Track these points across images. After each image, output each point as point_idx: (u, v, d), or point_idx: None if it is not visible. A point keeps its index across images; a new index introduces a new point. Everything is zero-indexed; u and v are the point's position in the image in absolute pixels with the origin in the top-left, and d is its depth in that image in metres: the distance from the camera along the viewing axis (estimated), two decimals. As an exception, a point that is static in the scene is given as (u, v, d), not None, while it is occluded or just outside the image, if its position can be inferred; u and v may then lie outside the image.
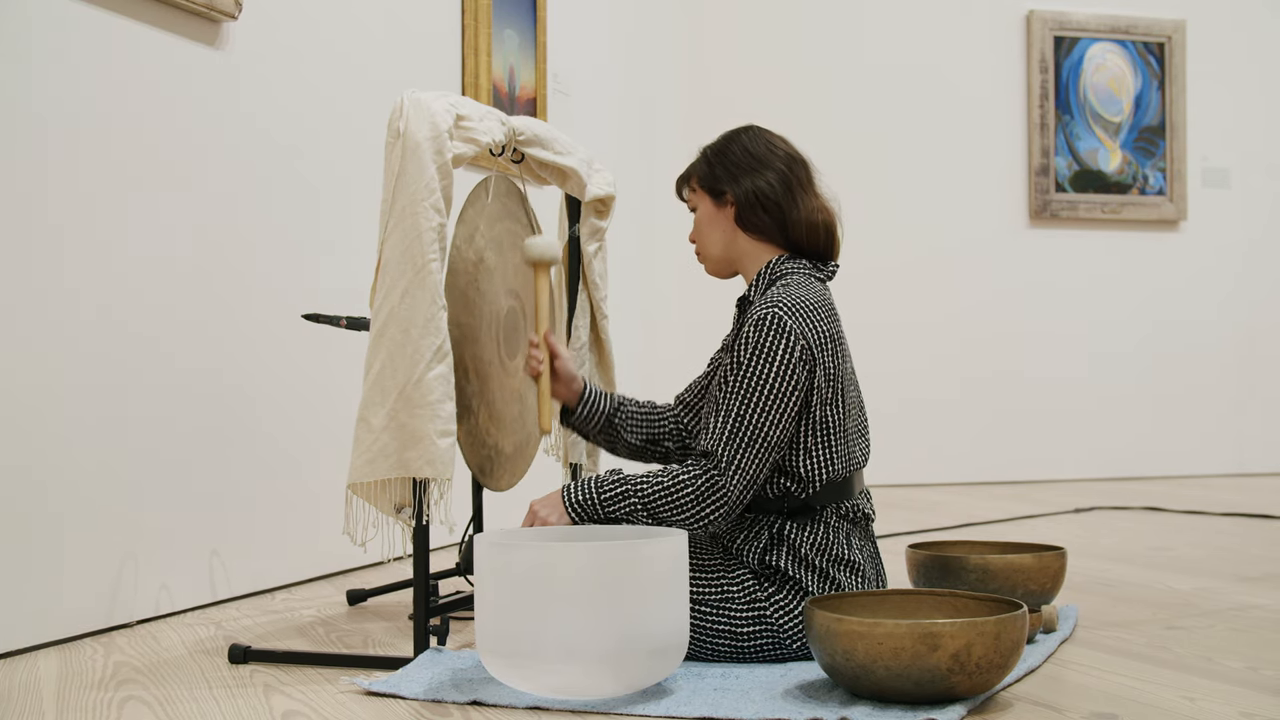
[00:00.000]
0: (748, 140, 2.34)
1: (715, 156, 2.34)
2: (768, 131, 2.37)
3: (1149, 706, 1.89)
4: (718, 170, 2.33)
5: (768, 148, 2.32)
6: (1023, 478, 5.85)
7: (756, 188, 2.29)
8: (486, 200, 2.50)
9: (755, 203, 2.29)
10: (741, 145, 2.33)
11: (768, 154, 2.32)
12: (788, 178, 2.31)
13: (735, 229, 2.32)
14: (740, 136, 2.35)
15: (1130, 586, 2.97)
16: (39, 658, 2.33)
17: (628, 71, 5.28)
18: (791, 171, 2.32)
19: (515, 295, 2.58)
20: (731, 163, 2.32)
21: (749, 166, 2.31)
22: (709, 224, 2.35)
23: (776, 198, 2.29)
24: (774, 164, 2.31)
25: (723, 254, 2.35)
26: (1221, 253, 6.15)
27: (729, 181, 2.31)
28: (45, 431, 2.44)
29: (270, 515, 3.05)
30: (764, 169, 2.30)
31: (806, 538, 2.17)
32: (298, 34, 3.18)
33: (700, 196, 2.36)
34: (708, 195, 2.34)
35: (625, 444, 2.49)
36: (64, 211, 2.50)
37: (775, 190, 2.29)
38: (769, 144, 2.33)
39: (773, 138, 2.35)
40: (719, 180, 2.32)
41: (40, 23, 2.46)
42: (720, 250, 2.35)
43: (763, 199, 2.29)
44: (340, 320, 2.68)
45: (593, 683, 1.87)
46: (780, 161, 2.32)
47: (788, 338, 2.15)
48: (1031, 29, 5.90)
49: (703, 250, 2.38)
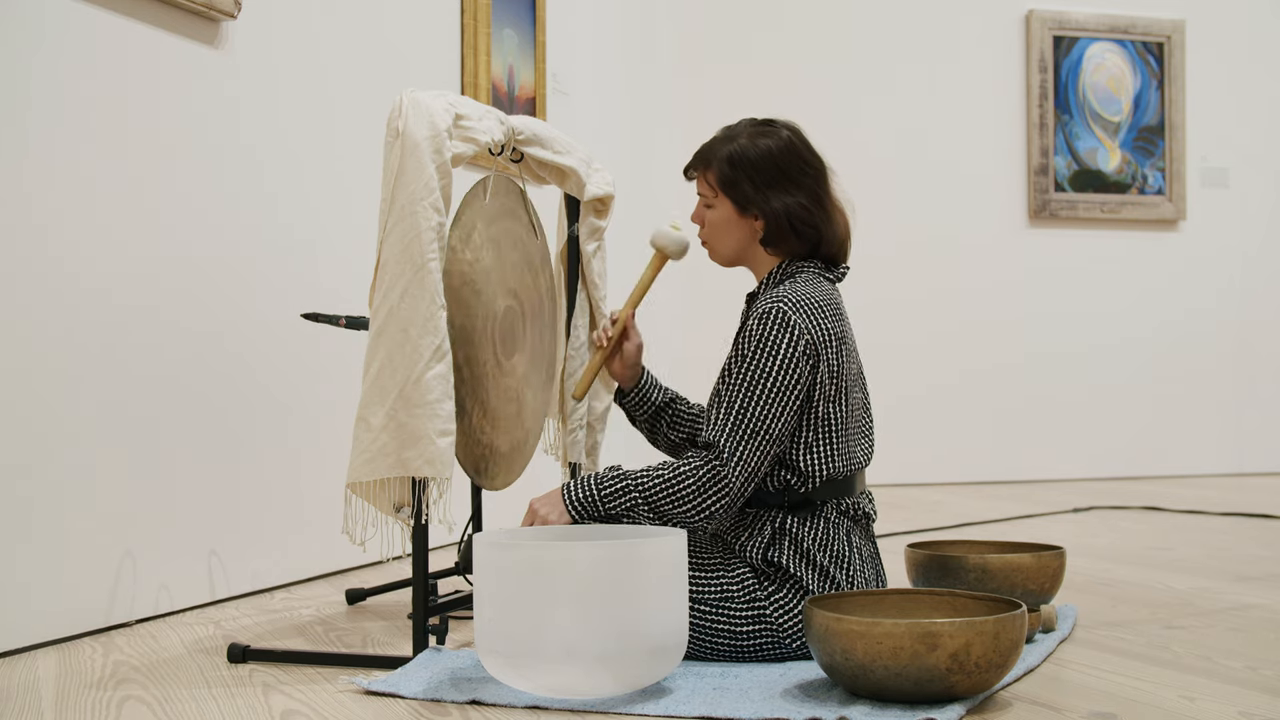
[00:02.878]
0: (775, 150, 2.23)
1: (740, 164, 2.23)
2: (792, 133, 2.26)
3: (1148, 706, 1.89)
4: (744, 184, 2.23)
5: (797, 161, 2.23)
6: (1021, 477, 5.85)
7: (789, 210, 2.21)
8: (484, 200, 2.50)
9: (787, 227, 2.23)
10: (769, 155, 2.22)
11: (797, 169, 2.23)
12: (818, 196, 2.24)
13: (755, 240, 2.27)
14: (765, 142, 2.23)
15: (1129, 586, 2.97)
16: (38, 657, 2.33)
17: (627, 71, 5.28)
18: (819, 186, 2.24)
19: (514, 295, 2.57)
20: (759, 177, 2.22)
21: (777, 184, 2.22)
22: (726, 229, 2.28)
23: (812, 221, 2.23)
24: (803, 181, 2.23)
25: (735, 255, 2.31)
26: (1220, 252, 6.15)
27: (758, 199, 2.22)
28: (45, 431, 2.44)
29: (269, 515, 3.05)
30: (793, 187, 2.23)
31: (808, 532, 2.17)
32: (297, 34, 3.18)
33: (720, 200, 2.26)
34: (730, 203, 2.25)
35: (665, 438, 2.50)
36: (64, 211, 2.50)
37: (810, 213, 2.22)
38: (798, 156, 2.24)
39: (799, 145, 2.25)
40: (745, 195, 2.23)
41: (40, 22, 2.46)
42: (733, 252, 2.31)
43: (796, 223, 2.22)
44: (340, 320, 2.68)
45: (592, 682, 1.87)
46: (809, 179, 2.24)
47: (792, 332, 2.15)
48: (1031, 29, 5.90)
49: (713, 247, 2.32)
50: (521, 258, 2.63)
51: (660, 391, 2.49)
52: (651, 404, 2.48)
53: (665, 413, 2.49)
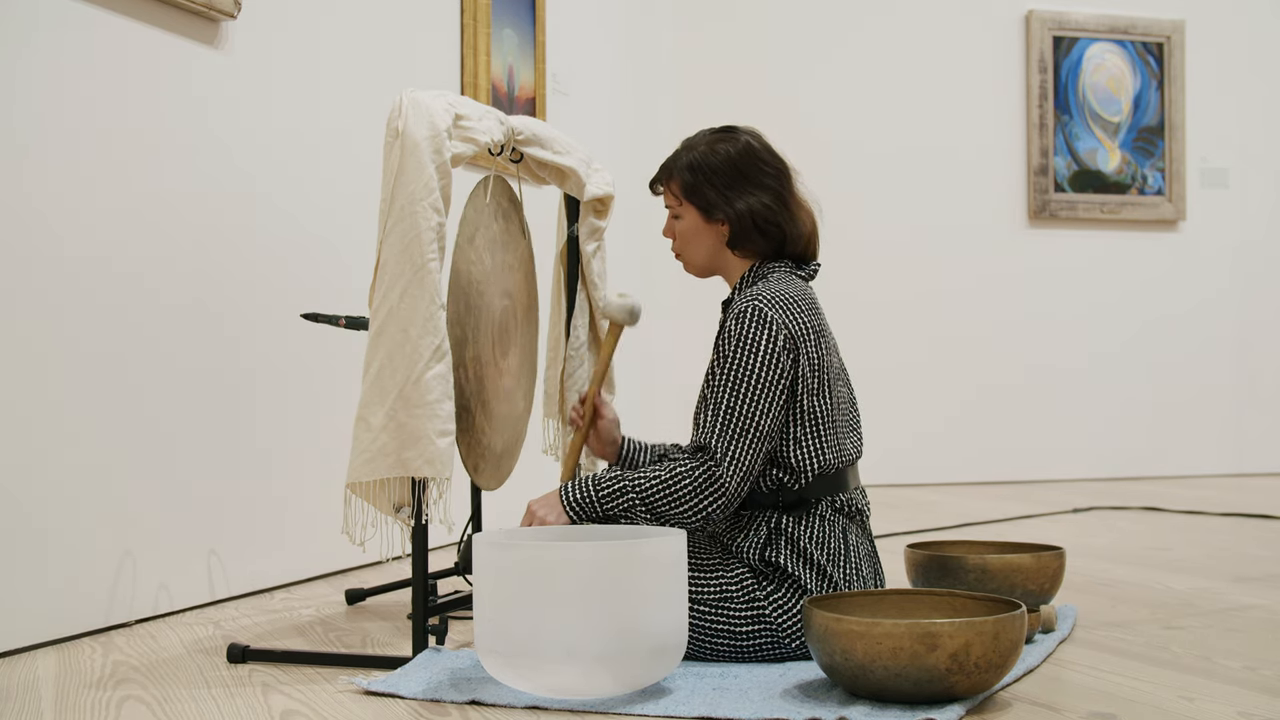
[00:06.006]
0: (734, 153, 2.26)
1: (701, 171, 2.26)
2: (751, 137, 2.29)
3: (1147, 706, 1.89)
4: (706, 190, 2.25)
5: (756, 162, 2.26)
6: (1021, 477, 5.85)
7: (751, 210, 2.24)
8: (485, 200, 2.50)
9: (751, 227, 2.25)
10: (729, 160, 2.25)
11: (757, 170, 2.26)
12: (781, 195, 2.26)
13: (723, 245, 2.29)
14: (724, 148, 2.26)
15: (1129, 586, 2.97)
16: (38, 657, 2.33)
17: (626, 71, 5.28)
18: (782, 186, 2.27)
19: (508, 295, 2.58)
20: (720, 181, 2.25)
21: (738, 186, 2.25)
22: (695, 237, 2.30)
23: (775, 219, 2.25)
24: (765, 181, 2.26)
25: (707, 263, 2.33)
26: (1220, 253, 6.15)
27: (721, 204, 2.25)
28: (44, 431, 2.44)
29: (269, 515, 3.05)
30: (755, 188, 2.25)
31: (804, 531, 2.18)
32: (297, 33, 3.18)
33: (686, 208, 2.29)
34: (695, 210, 2.28)
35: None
36: (63, 211, 2.50)
37: (773, 211, 2.25)
38: (756, 158, 2.26)
39: (757, 148, 2.28)
40: (709, 201, 2.26)
41: (39, 22, 2.46)
42: (705, 260, 2.33)
43: (759, 223, 2.25)
44: (339, 320, 2.68)
45: (591, 682, 1.87)
46: (770, 179, 2.26)
47: (769, 327, 2.15)
48: (1030, 29, 5.90)
49: (686, 258, 2.34)
50: (515, 259, 2.63)
51: (647, 452, 2.49)
52: (638, 466, 2.48)
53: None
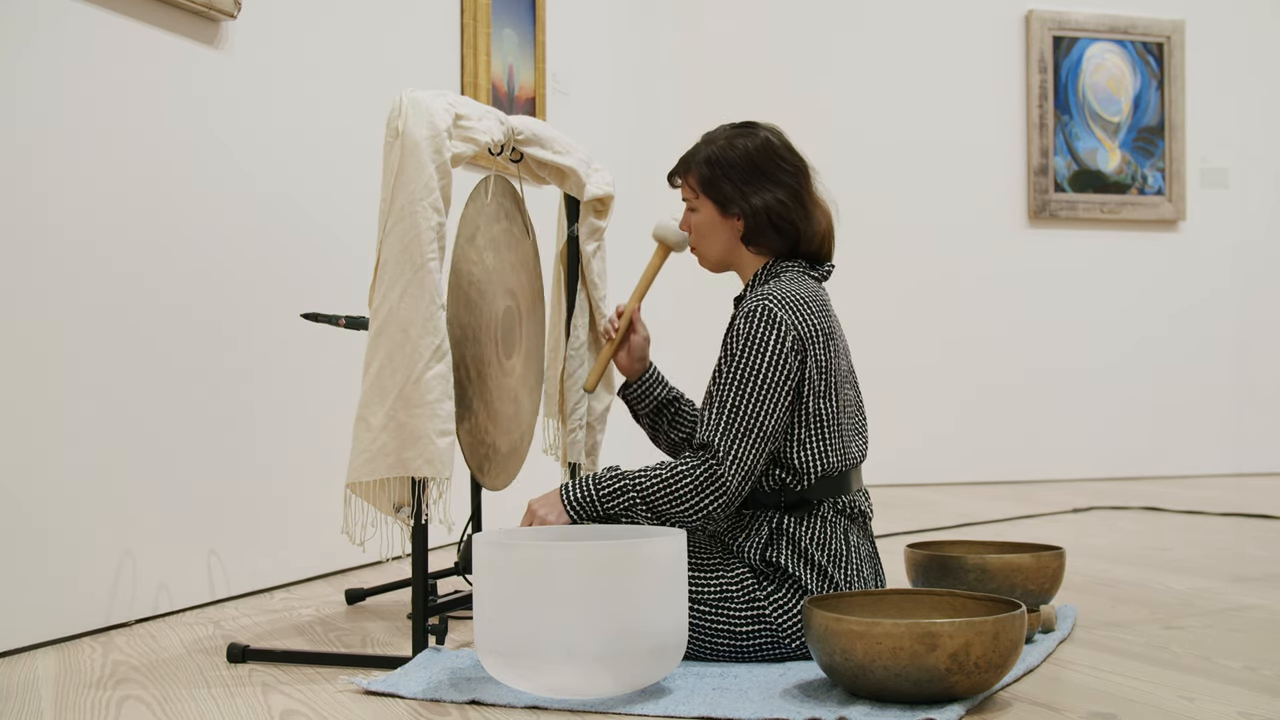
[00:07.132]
0: (753, 149, 2.26)
1: (719, 165, 2.27)
2: (770, 133, 2.30)
3: (1147, 706, 1.89)
4: (723, 184, 2.26)
5: (774, 159, 2.26)
6: (1021, 477, 5.85)
7: (768, 206, 2.24)
8: (486, 200, 2.50)
9: (767, 223, 2.25)
10: (747, 155, 2.26)
11: (774, 166, 2.26)
12: (798, 193, 2.26)
13: (738, 240, 2.30)
14: (743, 143, 2.27)
15: (1128, 586, 2.97)
16: (37, 657, 2.33)
17: (627, 71, 5.28)
18: (799, 184, 2.27)
19: (512, 295, 2.58)
20: (738, 175, 2.25)
21: (755, 181, 2.25)
22: (711, 231, 2.31)
23: (790, 216, 2.25)
24: (782, 179, 2.26)
25: (722, 258, 2.34)
26: (1220, 253, 6.15)
27: (737, 198, 2.25)
28: (44, 431, 2.44)
29: (269, 515, 3.05)
30: (773, 185, 2.25)
31: (806, 532, 2.18)
32: (297, 33, 3.18)
33: (702, 202, 2.30)
34: (711, 203, 2.29)
35: (666, 436, 2.51)
36: (63, 211, 2.50)
37: (788, 208, 2.25)
38: (775, 154, 2.27)
39: (776, 144, 2.28)
40: (725, 195, 2.26)
41: (39, 22, 2.46)
42: (719, 255, 2.33)
43: (775, 219, 2.25)
44: (339, 319, 2.68)
45: (591, 682, 1.87)
46: (789, 176, 2.26)
47: (778, 327, 2.15)
48: (1030, 29, 5.90)
49: (700, 252, 2.35)
50: (518, 259, 2.63)
51: (665, 388, 2.50)
52: (655, 399, 2.49)
53: (667, 410, 2.49)
